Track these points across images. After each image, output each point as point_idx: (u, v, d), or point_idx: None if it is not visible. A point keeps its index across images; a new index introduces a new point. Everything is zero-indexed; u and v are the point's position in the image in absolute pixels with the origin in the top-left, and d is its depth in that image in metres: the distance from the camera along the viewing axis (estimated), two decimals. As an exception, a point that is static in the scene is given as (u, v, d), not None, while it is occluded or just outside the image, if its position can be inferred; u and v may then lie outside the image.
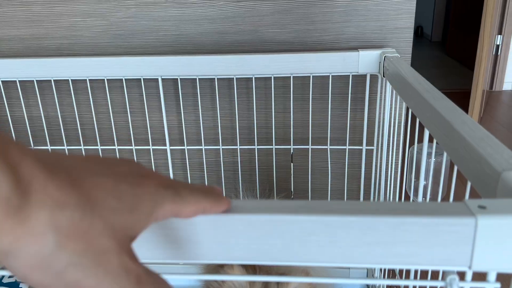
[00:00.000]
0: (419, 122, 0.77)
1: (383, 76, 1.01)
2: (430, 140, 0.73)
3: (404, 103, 0.97)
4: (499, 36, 3.06)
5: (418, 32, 5.69)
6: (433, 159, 0.74)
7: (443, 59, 4.29)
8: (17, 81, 1.15)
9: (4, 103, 1.19)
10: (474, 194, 0.56)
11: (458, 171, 0.63)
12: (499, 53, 3.19)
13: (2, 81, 1.16)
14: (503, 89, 3.42)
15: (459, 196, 0.66)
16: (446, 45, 4.48)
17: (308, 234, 0.41)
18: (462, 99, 2.56)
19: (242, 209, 0.42)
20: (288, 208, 0.41)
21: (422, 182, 0.80)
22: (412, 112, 0.82)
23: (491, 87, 3.33)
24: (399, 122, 1.00)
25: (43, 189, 0.28)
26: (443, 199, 0.91)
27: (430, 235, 0.40)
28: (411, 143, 0.91)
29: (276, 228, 0.41)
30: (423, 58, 4.27)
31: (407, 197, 0.93)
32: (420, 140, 0.84)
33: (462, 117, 0.61)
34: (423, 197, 0.83)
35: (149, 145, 1.20)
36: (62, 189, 0.29)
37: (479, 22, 2.51)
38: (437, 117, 0.66)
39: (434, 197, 0.85)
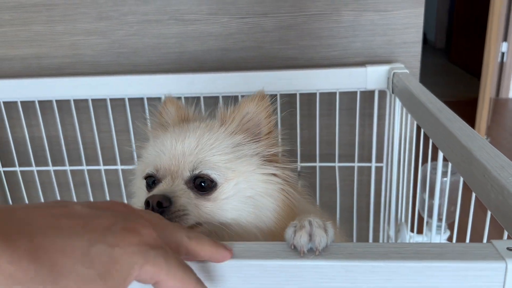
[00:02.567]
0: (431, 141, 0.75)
1: (392, 92, 0.99)
2: (444, 159, 0.70)
3: (413, 119, 0.94)
4: (504, 43, 3.04)
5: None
6: (448, 178, 0.72)
7: (447, 66, 4.27)
8: (19, 102, 1.13)
9: (5, 124, 1.17)
10: (494, 222, 0.53)
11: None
12: (504, 60, 3.17)
13: (3, 102, 1.14)
14: (510, 96, 3.39)
15: (477, 220, 0.64)
16: (450, 52, 4.46)
17: (328, 280, 0.38)
18: (468, 107, 2.53)
19: (255, 254, 0.39)
20: (306, 253, 0.39)
21: (436, 203, 0.77)
22: (421, 129, 0.80)
23: (497, 94, 3.30)
24: (410, 139, 0.97)
25: None
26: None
27: (458, 281, 0.38)
28: (423, 160, 0.88)
29: (293, 275, 0.38)
30: (426, 66, 4.24)
31: (420, 218, 0.91)
32: (432, 158, 0.81)
33: (479, 142, 0.58)
34: (438, 218, 0.80)
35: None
36: (18, 262, 0.27)
37: (483, 29, 2.49)
38: (452, 140, 0.63)
39: (449, 218, 0.82)
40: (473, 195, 0.60)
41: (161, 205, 0.51)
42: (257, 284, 0.39)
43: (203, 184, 0.55)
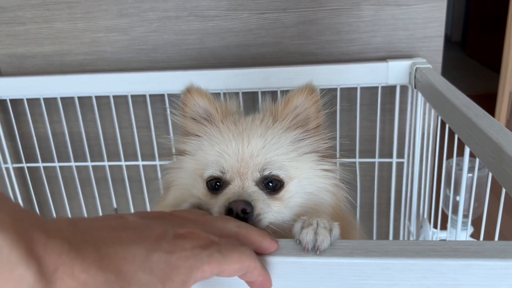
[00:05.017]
0: (456, 137, 0.74)
1: (415, 87, 0.98)
2: (471, 154, 0.70)
3: (436, 114, 0.93)
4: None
5: (435, 32, 5.57)
6: (476, 174, 0.71)
7: (463, 60, 4.20)
8: (41, 99, 1.15)
9: (29, 120, 1.19)
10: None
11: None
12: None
13: (26, 99, 1.15)
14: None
15: (495, 217, 0.63)
16: (466, 45, 4.39)
17: (364, 278, 0.38)
18: (486, 101, 2.48)
19: (292, 251, 0.39)
20: (342, 250, 0.39)
21: (462, 199, 0.76)
22: (446, 124, 0.79)
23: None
24: (434, 134, 0.96)
25: (70, 274, 0.29)
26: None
27: (496, 279, 0.37)
28: (447, 155, 0.87)
29: (329, 272, 0.39)
30: (443, 59, 4.19)
31: (443, 215, 0.90)
32: (457, 153, 0.81)
33: (510, 138, 0.58)
34: (464, 214, 0.80)
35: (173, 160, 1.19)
36: (89, 270, 0.29)
37: (502, 21, 2.45)
38: (481, 136, 0.62)
39: (475, 214, 0.82)
40: (503, 191, 0.59)
41: (245, 211, 0.51)
42: (293, 281, 0.39)
43: (271, 184, 0.56)
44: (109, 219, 0.34)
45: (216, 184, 0.57)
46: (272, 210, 0.55)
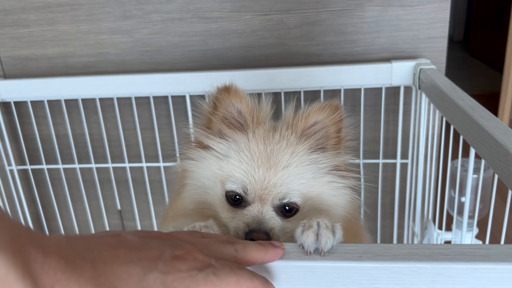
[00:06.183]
0: (462, 138, 0.74)
1: (419, 88, 0.98)
2: (476, 156, 0.70)
3: (440, 115, 0.93)
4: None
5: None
6: (481, 176, 0.71)
7: (466, 59, 4.19)
8: (45, 101, 1.15)
9: (32, 122, 1.19)
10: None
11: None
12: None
13: (30, 101, 1.16)
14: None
15: (500, 217, 0.63)
16: (469, 44, 4.38)
17: (373, 281, 0.38)
18: (489, 101, 2.48)
19: (300, 255, 0.39)
20: (351, 254, 0.39)
21: (468, 201, 0.76)
22: (450, 125, 0.79)
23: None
24: (438, 135, 0.96)
25: None
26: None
27: (505, 283, 0.37)
28: (452, 156, 0.87)
29: (338, 276, 0.39)
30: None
31: (448, 216, 0.90)
32: (461, 154, 0.81)
33: (517, 140, 0.57)
34: (469, 216, 0.80)
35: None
36: (85, 287, 0.30)
37: (505, 19, 2.44)
38: (487, 138, 0.62)
39: (480, 216, 0.81)
40: (509, 193, 0.59)
41: None
42: (302, 285, 0.39)
43: (287, 207, 0.58)
44: (107, 237, 0.35)
45: (236, 198, 0.59)
46: (283, 232, 0.57)
